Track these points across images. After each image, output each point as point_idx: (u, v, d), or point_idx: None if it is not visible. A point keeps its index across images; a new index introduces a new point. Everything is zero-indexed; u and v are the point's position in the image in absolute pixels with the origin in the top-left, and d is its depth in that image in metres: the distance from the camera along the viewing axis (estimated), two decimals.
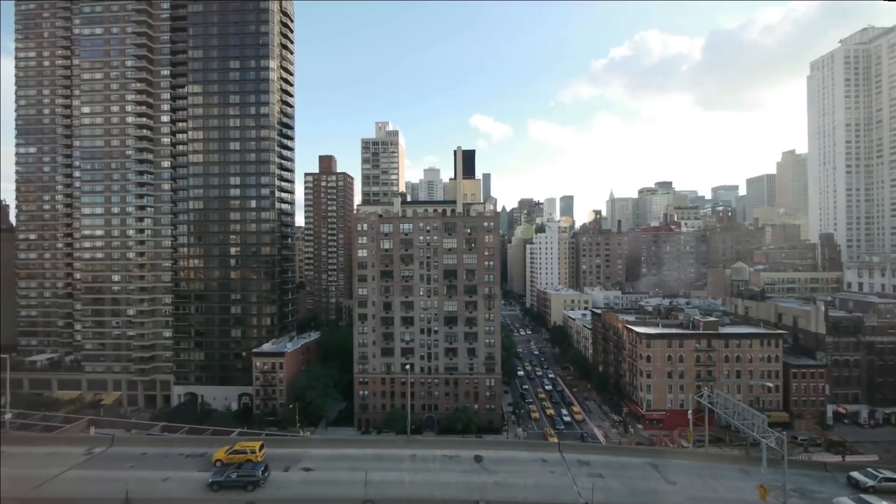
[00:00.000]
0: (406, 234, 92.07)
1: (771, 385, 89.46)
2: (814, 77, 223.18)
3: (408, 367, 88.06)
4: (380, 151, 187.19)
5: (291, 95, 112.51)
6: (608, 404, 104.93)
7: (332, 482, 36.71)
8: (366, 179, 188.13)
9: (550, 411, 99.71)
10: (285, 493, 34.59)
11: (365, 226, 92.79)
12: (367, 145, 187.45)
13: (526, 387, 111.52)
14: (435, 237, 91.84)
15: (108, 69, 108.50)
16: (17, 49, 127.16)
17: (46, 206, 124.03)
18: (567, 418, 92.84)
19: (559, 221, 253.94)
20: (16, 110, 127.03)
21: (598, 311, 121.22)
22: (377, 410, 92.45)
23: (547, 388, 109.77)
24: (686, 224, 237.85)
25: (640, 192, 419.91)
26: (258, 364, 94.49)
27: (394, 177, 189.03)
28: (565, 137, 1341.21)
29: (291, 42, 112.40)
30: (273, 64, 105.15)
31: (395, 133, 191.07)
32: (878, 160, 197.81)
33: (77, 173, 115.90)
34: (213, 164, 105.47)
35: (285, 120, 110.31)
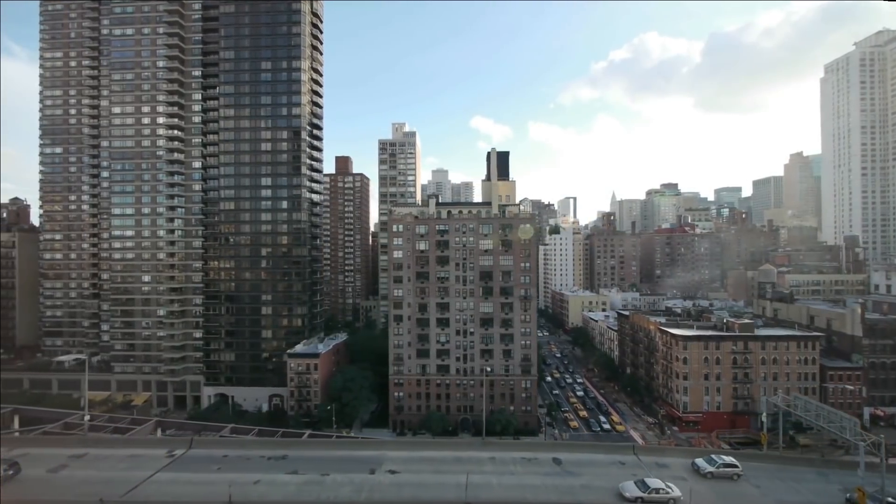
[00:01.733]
0: (442, 236, 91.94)
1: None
2: (828, 79, 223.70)
3: (443, 368, 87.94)
4: (397, 152, 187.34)
5: (321, 96, 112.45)
6: (639, 406, 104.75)
7: (423, 485, 36.45)
8: (383, 180, 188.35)
9: (583, 413, 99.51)
10: (381, 495, 34.35)
11: (400, 227, 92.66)
12: (384, 146, 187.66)
13: (556, 392, 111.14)
14: (471, 238, 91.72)
15: (139, 69, 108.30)
16: (41, 49, 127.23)
17: (72, 207, 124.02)
18: (606, 425, 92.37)
19: (574, 223, 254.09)
20: (40, 111, 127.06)
21: (625, 313, 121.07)
22: (412, 412, 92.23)
23: (578, 393, 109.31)
24: (699, 226, 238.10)
25: (648, 193, 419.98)
26: (293, 365, 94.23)
27: (411, 178, 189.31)
28: (566, 139, 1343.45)
29: (321, 43, 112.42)
30: (304, 65, 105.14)
31: (413, 134, 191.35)
32: (894, 162, 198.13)
33: (105, 174, 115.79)
34: (244, 165, 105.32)
35: (315, 121, 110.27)
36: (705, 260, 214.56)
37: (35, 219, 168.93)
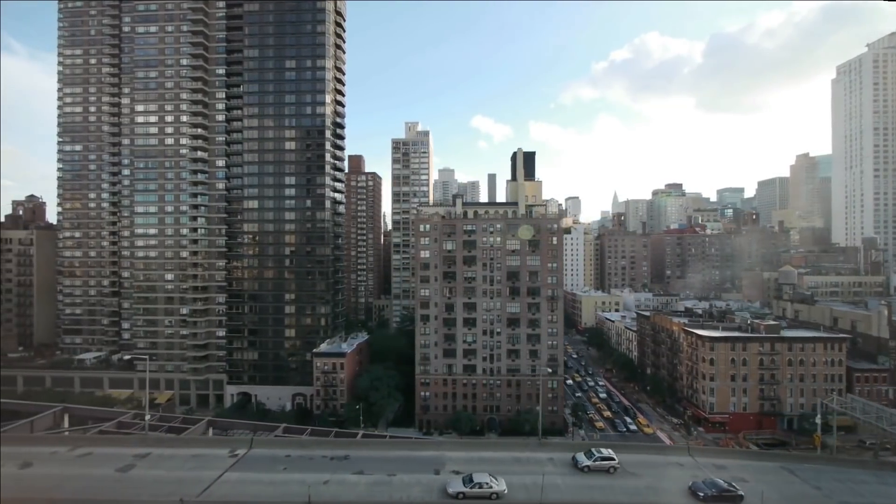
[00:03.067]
0: (469, 236, 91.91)
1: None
2: (840, 81, 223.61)
3: (470, 368, 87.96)
4: (410, 152, 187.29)
5: (343, 95, 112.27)
6: (662, 407, 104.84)
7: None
8: (396, 180, 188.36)
9: (607, 414, 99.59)
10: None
11: (427, 226, 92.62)
12: (397, 146, 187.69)
13: (579, 395, 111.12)
14: (498, 238, 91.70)
15: (162, 67, 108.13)
16: (60, 47, 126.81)
17: (92, 205, 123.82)
18: (632, 426, 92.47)
19: (582, 224, 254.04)
20: (59, 108, 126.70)
21: (646, 314, 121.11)
22: (438, 411, 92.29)
23: (601, 395, 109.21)
24: (708, 226, 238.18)
25: (654, 193, 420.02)
26: (319, 364, 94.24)
27: (424, 177, 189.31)
28: (566, 139, 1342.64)
29: (344, 41, 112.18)
30: (328, 64, 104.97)
31: (426, 133, 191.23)
32: None
33: (126, 172, 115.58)
34: (268, 164, 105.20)
35: (338, 120, 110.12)
36: (716, 260, 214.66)
37: (49, 216, 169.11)
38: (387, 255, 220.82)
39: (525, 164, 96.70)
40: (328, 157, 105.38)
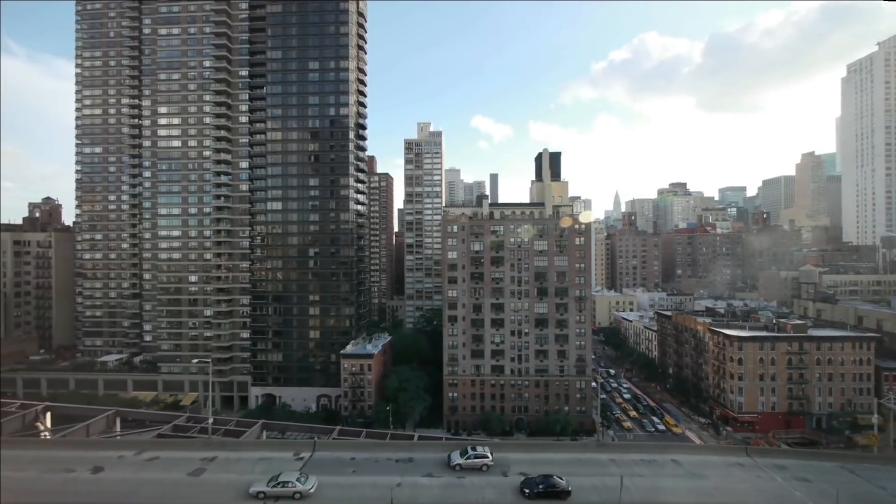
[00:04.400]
0: (497, 236, 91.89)
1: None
2: (850, 79, 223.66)
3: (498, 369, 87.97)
4: (423, 152, 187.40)
5: (365, 96, 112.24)
6: (686, 406, 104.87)
7: None
8: (408, 180, 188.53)
9: (634, 414, 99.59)
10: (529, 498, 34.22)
11: (455, 227, 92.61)
12: (409, 146, 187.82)
13: (603, 396, 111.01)
14: (525, 239, 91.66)
15: (185, 69, 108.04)
16: (78, 49, 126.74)
17: (112, 207, 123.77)
18: (660, 426, 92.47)
19: (594, 222, 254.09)
20: (77, 110, 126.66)
21: (667, 314, 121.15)
22: (467, 412, 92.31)
23: (626, 395, 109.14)
24: (718, 226, 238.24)
25: (660, 193, 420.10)
26: (346, 365, 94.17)
27: (437, 178, 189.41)
28: (566, 139, 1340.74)
29: (366, 42, 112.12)
30: (352, 65, 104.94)
31: (438, 134, 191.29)
32: None
33: (147, 174, 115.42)
34: (291, 165, 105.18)
35: (360, 121, 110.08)
36: (727, 260, 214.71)
37: (65, 218, 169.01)
38: (398, 255, 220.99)
39: (551, 164, 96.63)
40: (351, 158, 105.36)
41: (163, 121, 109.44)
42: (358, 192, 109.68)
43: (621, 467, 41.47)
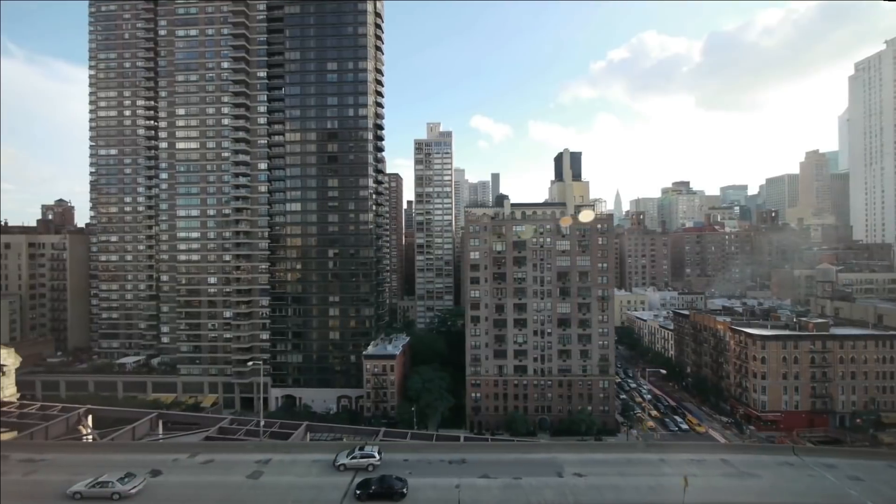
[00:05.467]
0: (519, 237, 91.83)
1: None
2: (858, 77, 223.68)
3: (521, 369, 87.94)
4: (432, 153, 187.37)
5: (382, 96, 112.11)
6: (707, 405, 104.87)
7: (618, 487, 36.30)
8: (418, 180, 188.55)
9: (655, 413, 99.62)
10: (587, 499, 34.29)
11: (477, 227, 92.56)
12: (419, 146, 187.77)
13: (622, 396, 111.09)
14: (548, 239, 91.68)
15: (203, 70, 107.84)
16: (92, 51, 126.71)
17: (128, 209, 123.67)
18: (683, 425, 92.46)
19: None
20: (92, 112, 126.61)
21: (684, 313, 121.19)
22: (490, 412, 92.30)
23: (646, 396, 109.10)
24: (727, 225, 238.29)
25: (664, 192, 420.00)
26: (369, 366, 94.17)
27: (447, 178, 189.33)
28: (566, 138, 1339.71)
29: (382, 42, 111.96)
30: (370, 65, 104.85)
31: (448, 134, 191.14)
32: None
33: (163, 175, 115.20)
34: (310, 166, 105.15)
35: (378, 122, 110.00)
36: (736, 258, 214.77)
37: (80, 220, 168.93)
38: (408, 255, 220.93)
39: (572, 164, 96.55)
40: (370, 158, 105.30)
41: (180, 122, 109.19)
42: (377, 192, 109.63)
43: (673, 467, 41.45)
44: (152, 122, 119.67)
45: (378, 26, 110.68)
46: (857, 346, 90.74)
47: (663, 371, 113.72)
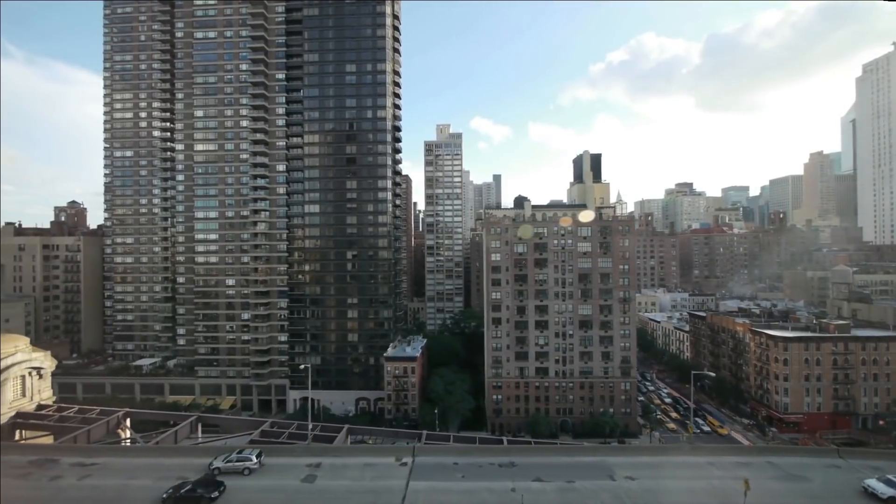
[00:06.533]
0: (540, 238, 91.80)
1: None
2: (866, 79, 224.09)
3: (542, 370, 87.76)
4: (443, 154, 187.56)
5: (400, 98, 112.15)
6: (726, 407, 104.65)
7: (672, 491, 36.26)
8: (428, 182, 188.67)
9: (675, 415, 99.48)
10: (646, 502, 34.16)
11: (498, 230, 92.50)
12: (429, 148, 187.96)
13: (640, 398, 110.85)
14: (569, 241, 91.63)
15: (222, 72, 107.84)
16: (107, 53, 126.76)
17: (143, 210, 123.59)
18: (705, 427, 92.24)
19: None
20: (106, 114, 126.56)
21: (701, 314, 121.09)
22: (511, 414, 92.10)
23: (666, 399, 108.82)
24: (735, 226, 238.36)
25: (668, 193, 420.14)
26: (389, 368, 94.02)
27: (457, 179, 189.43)
28: (566, 140, 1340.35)
29: (400, 44, 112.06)
30: (388, 67, 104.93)
31: (458, 135, 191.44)
32: None
33: (180, 177, 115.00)
34: (329, 168, 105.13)
35: (396, 123, 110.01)
36: (745, 260, 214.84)
37: (91, 222, 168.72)
38: (417, 257, 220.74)
39: (592, 166, 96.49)
40: (389, 160, 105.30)
41: (199, 124, 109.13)
42: (395, 194, 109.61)
43: (722, 469, 41.34)
44: (168, 123, 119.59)
45: (396, 28, 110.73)
46: (878, 347, 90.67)
47: (674, 372, 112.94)
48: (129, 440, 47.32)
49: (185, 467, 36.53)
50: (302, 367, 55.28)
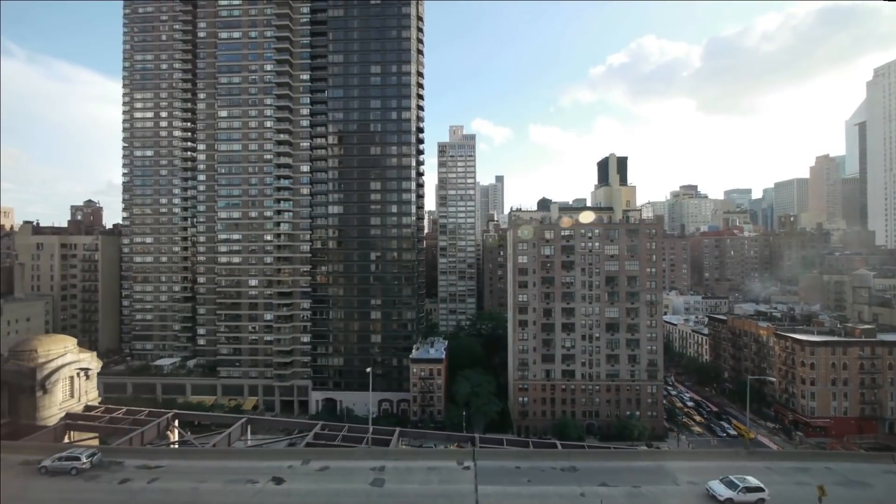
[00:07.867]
0: (567, 241, 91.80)
1: None
2: (877, 83, 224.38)
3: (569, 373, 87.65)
4: (456, 155, 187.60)
5: (423, 99, 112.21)
6: (749, 411, 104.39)
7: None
8: (441, 183, 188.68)
9: (699, 418, 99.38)
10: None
11: (524, 232, 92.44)
12: (442, 149, 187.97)
13: (664, 402, 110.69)
14: (596, 244, 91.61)
15: (246, 73, 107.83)
16: (126, 52, 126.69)
17: (163, 210, 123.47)
18: (731, 431, 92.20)
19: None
20: (125, 113, 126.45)
21: (721, 318, 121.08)
22: (537, 417, 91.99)
23: (689, 403, 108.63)
24: (745, 228, 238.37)
25: (673, 195, 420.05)
26: (415, 370, 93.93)
27: (470, 181, 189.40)
28: (566, 141, 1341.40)
29: (423, 45, 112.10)
30: (413, 69, 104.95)
31: (472, 137, 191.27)
32: None
33: (201, 177, 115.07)
34: (353, 169, 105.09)
35: (420, 125, 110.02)
36: (756, 262, 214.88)
37: (108, 221, 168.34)
38: (428, 258, 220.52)
39: (618, 169, 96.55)
40: (413, 161, 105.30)
41: (222, 124, 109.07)
42: (419, 196, 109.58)
43: (781, 475, 41.22)
44: (189, 123, 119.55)
45: (420, 30, 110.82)
46: None
47: (693, 376, 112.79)
48: (179, 442, 47.17)
49: (252, 471, 36.42)
50: (368, 370, 54.02)
